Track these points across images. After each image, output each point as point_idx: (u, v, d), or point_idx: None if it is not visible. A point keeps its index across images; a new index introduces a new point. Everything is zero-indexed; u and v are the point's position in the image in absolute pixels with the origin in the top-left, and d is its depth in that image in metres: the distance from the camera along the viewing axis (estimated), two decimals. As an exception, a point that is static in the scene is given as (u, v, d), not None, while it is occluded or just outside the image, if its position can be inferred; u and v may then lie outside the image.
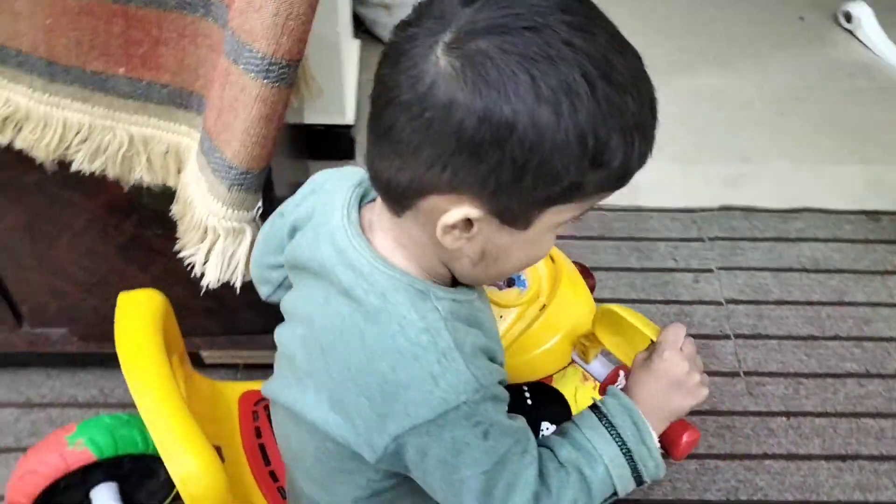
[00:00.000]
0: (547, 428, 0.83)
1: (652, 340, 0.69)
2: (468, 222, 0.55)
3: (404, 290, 0.58)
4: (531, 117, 0.49)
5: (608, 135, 0.51)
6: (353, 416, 0.58)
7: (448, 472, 0.57)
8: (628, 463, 0.62)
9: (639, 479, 0.64)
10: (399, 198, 0.56)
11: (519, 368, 0.80)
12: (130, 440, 0.86)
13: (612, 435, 0.63)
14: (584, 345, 0.80)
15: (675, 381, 0.65)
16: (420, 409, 0.55)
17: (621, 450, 0.62)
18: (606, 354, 0.82)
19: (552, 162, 0.51)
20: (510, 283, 0.82)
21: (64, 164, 0.85)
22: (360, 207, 0.63)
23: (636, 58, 0.54)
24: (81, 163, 0.81)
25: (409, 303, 0.57)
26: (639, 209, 1.63)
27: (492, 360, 0.61)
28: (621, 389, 0.67)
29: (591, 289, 0.85)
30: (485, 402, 0.57)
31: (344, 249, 0.59)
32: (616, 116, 0.51)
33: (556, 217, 0.56)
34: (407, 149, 0.52)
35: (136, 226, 1.03)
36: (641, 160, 0.55)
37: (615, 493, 0.63)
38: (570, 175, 0.52)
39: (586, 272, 0.88)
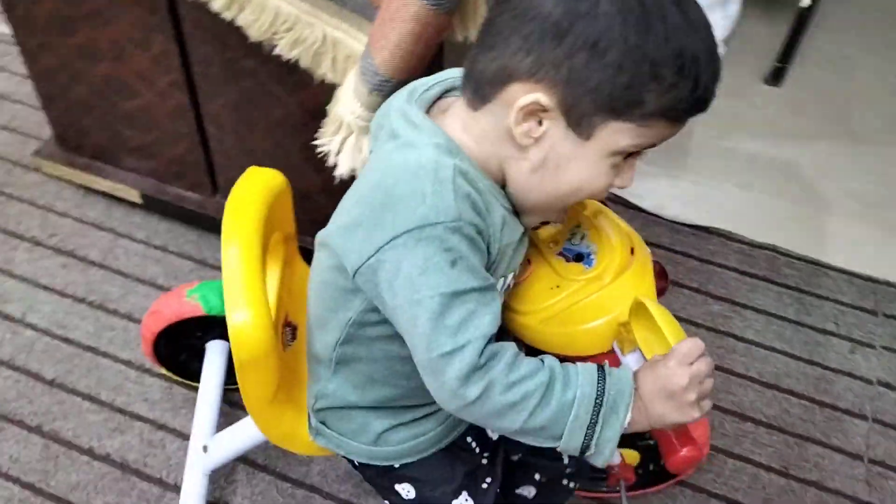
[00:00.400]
0: None
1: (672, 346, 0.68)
2: (540, 117, 0.62)
3: (440, 143, 0.65)
4: (605, 9, 0.58)
5: (670, 52, 0.59)
6: (354, 227, 0.66)
7: (411, 292, 0.62)
8: (591, 419, 0.63)
9: (585, 446, 0.64)
10: (485, 88, 0.64)
11: (556, 339, 0.80)
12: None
13: (598, 386, 0.64)
14: (624, 335, 0.77)
15: (669, 392, 0.65)
16: (404, 220, 0.62)
17: (594, 405, 0.63)
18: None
19: (615, 57, 0.58)
20: (578, 258, 0.81)
21: (272, 58, 0.98)
22: (433, 101, 0.71)
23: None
24: (283, 48, 0.93)
25: (436, 149, 0.65)
26: (817, 262, 1.54)
27: (484, 227, 0.66)
28: None
29: (661, 291, 0.82)
30: (460, 236, 0.62)
31: (407, 112, 0.68)
32: (680, 38, 0.59)
33: (615, 136, 0.62)
34: (500, 38, 0.61)
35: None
36: (696, 100, 0.62)
37: (559, 440, 0.64)
38: (629, 78, 0.59)
39: (662, 273, 0.85)
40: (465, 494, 0.81)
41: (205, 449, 1.08)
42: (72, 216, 1.54)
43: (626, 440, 1.08)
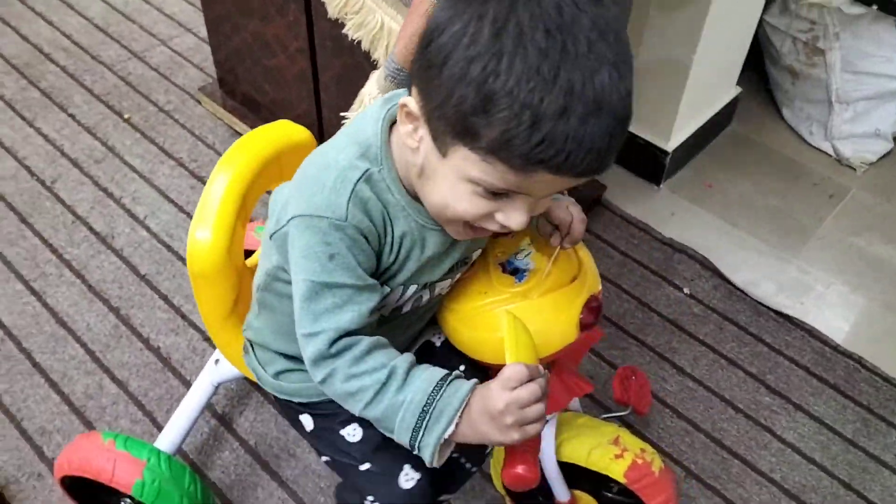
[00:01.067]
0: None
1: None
2: (416, 123, 0.65)
3: (369, 148, 0.70)
4: (455, 30, 0.58)
5: (505, 87, 0.56)
6: (282, 202, 0.74)
7: (294, 270, 0.70)
8: (415, 423, 0.68)
9: (411, 445, 0.68)
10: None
11: (466, 341, 0.85)
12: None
13: (429, 396, 0.68)
14: None
15: (488, 414, 0.66)
16: (304, 204, 0.68)
17: (422, 409, 0.67)
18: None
19: (453, 78, 0.58)
20: (514, 271, 0.83)
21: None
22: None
23: (600, 57, 0.57)
24: (349, 29, 1.04)
25: (359, 154, 0.69)
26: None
27: (378, 235, 0.70)
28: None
29: (586, 326, 0.82)
30: (342, 234, 0.67)
31: (370, 113, 0.73)
32: (527, 76, 0.55)
33: (464, 163, 0.61)
34: None
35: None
36: (535, 149, 0.57)
37: (392, 433, 0.69)
38: (462, 104, 0.58)
39: (596, 310, 0.83)
40: (354, 424, 0.87)
41: (216, 362, 1.22)
42: (215, 150, 1.76)
43: (589, 487, 1.08)
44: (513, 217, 0.65)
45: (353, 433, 0.87)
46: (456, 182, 0.64)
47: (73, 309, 1.45)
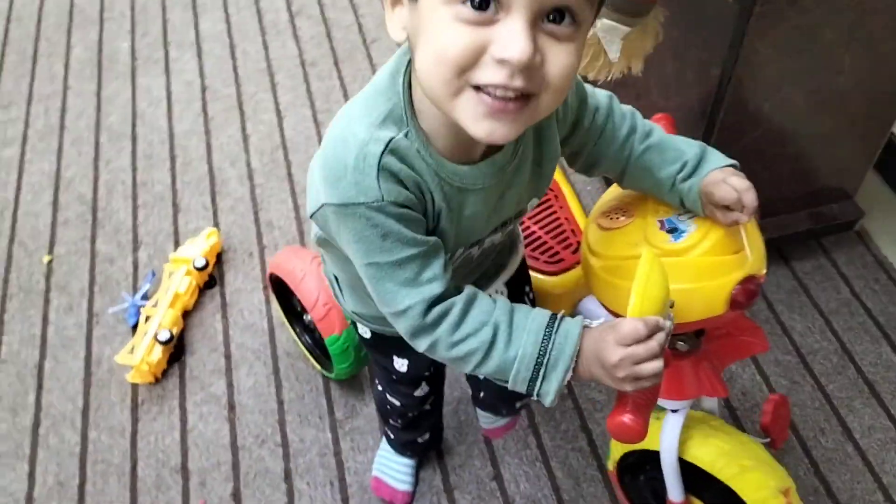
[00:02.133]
0: None
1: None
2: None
3: (389, 111, 0.64)
4: None
5: None
6: (313, 181, 0.68)
7: (352, 253, 0.67)
8: (531, 375, 0.66)
9: (528, 393, 0.67)
10: None
11: (604, 289, 0.83)
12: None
13: (541, 346, 0.66)
14: None
15: (601, 362, 0.64)
16: (333, 192, 0.63)
17: (537, 360, 0.65)
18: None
19: None
20: (672, 230, 0.79)
21: None
22: None
23: None
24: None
25: (376, 122, 0.63)
26: None
27: (419, 200, 0.65)
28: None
29: (750, 346, 0.77)
30: (385, 215, 0.63)
31: (389, 65, 0.67)
32: None
33: None
34: None
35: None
36: None
37: (506, 383, 0.68)
38: None
39: (752, 293, 0.78)
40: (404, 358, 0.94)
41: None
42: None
43: (710, 497, 1.02)
44: (510, 43, 0.54)
45: (401, 365, 0.94)
46: (433, 16, 0.56)
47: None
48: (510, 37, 0.54)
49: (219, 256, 1.50)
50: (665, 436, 0.95)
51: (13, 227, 1.58)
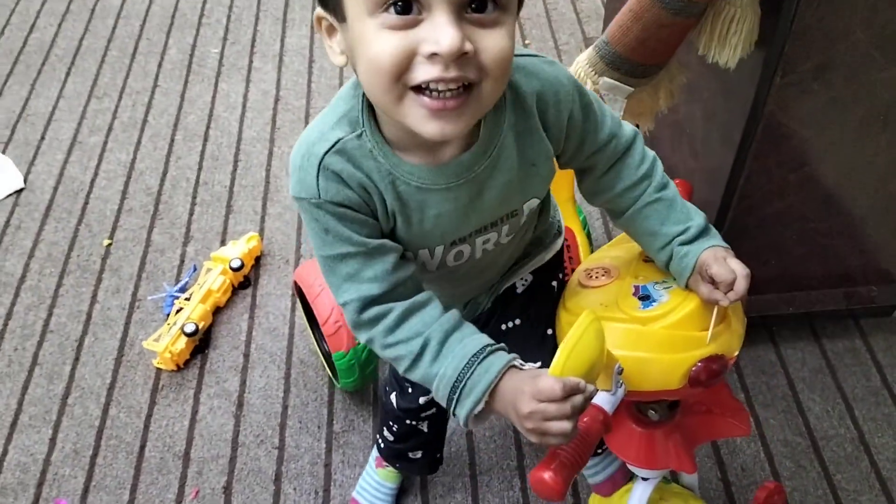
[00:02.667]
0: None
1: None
2: (329, 29, 0.64)
3: (345, 112, 0.68)
4: None
5: None
6: None
7: (312, 244, 0.72)
8: (448, 395, 0.69)
9: (449, 407, 0.70)
10: None
11: (560, 334, 0.84)
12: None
13: (460, 373, 0.68)
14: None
15: (514, 409, 0.65)
16: (292, 185, 0.70)
17: (453, 384, 0.68)
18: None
19: None
20: (644, 297, 0.79)
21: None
22: None
23: None
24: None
25: (330, 122, 0.68)
26: None
27: (364, 201, 0.68)
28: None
29: (731, 428, 0.76)
30: (323, 211, 0.67)
31: None
32: None
33: (352, 2, 0.59)
34: None
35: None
36: None
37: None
38: None
39: (716, 371, 0.76)
40: None
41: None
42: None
43: None
44: (438, 37, 0.56)
45: None
46: (362, 31, 0.59)
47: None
48: (436, 31, 0.56)
49: (258, 259, 1.58)
50: (632, 503, 0.94)
51: (84, 208, 1.71)
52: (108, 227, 1.67)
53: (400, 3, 0.56)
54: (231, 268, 1.50)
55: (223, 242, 1.62)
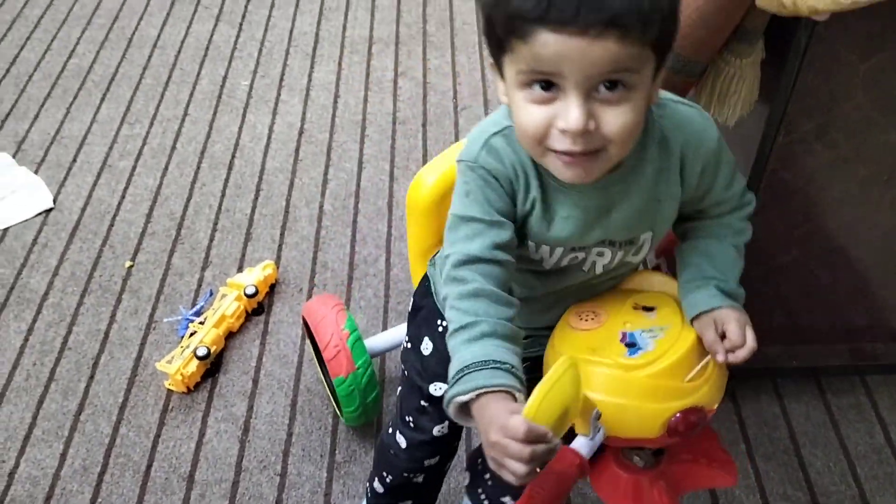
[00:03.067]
0: None
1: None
2: (498, 72, 0.73)
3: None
4: None
5: None
6: None
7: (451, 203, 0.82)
8: (453, 375, 0.73)
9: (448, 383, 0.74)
10: None
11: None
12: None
13: (467, 366, 0.72)
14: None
15: (486, 430, 0.68)
16: (460, 153, 0.81)
17: (458, 370, 0.73)
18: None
19: (480, 2, 0.68)
20: (630, 345, 0.80)
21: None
22: None
23: None
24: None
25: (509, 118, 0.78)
26: None
27: (512, 180, 0.78)
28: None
29: (715, 478, 0.77)
30: (474, 175, 0.77)
31: None
32: None
33: (510, 69, 0.68)
34: None
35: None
36: (524, 3, 0.63)
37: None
38: (485, 9, 0.67)
39: (683, 434, 0.77)
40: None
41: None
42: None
43: None
44: (568, 116, 0.66)
45: (426, 347, 1.01)
46: (514, 97, 0.70)
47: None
48: (567, 112, 0.66)
49: (272, 287, 1.62)
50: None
51: (109, 230, 1.77)
52: (131, 250, 1.72)
53: (543, 82, 0.67)
54: (246, 294, 1.54)
55: (240, 269, 1.66)
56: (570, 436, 0.80)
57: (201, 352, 1.43)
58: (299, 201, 1.82)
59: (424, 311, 1.05)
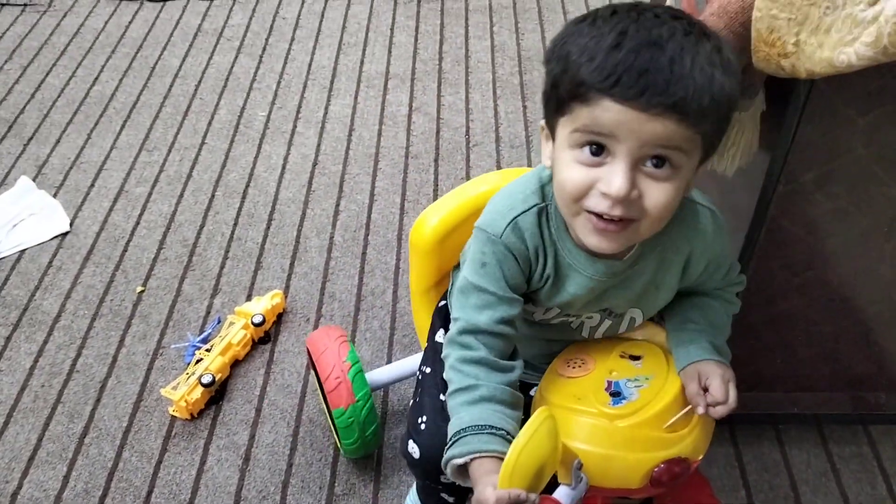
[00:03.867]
0: None
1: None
2: (546, 135, 0.77)
3: (546, 183, 0.83)
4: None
5: (569, 48, 0.69)
6: None
7: (463, 267, 0.86)
8: (451, 437, 0.79)
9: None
10: None
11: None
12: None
13: (464, 429, 0.78)
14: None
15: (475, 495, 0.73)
16: (482, 218, 0.84)
17: (455, 432, 0.78)
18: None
19: (549, 65, 0.72)
20: (615, 394, 0.82)
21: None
22: None
23: (650, 29, 0.66)
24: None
25: (539, 187, 0.83)
26: None
27: (530, 259, 0.82)
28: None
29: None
30: (494, 249, 0.80)
31: None
32: (578, 37, 0.69)
33: (563, 130, 0.72)
34: None
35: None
36: (592, 75, 0.66)
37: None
38: (551, 74, 0.71)
39: (665, 485, 0.77)
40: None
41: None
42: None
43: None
44: (612, 181, 0.69)
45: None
46: (561, 156, 0.73)
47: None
48: (612, 177, 0.69)
49: (280, 316, 1.64)
50: None
51: (122, 255, 1.80)
52: (143, 275, 1.75)
53: (594, 146, 0.70)
54: (253, 323, 1.56)
55: (249, 297, 1.69)
56: (554, 484, 0.81)
57: (206, 379, 1.45)
58: (310, 231, 1.85)
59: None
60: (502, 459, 0.72)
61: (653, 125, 0.65)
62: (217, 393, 1.50)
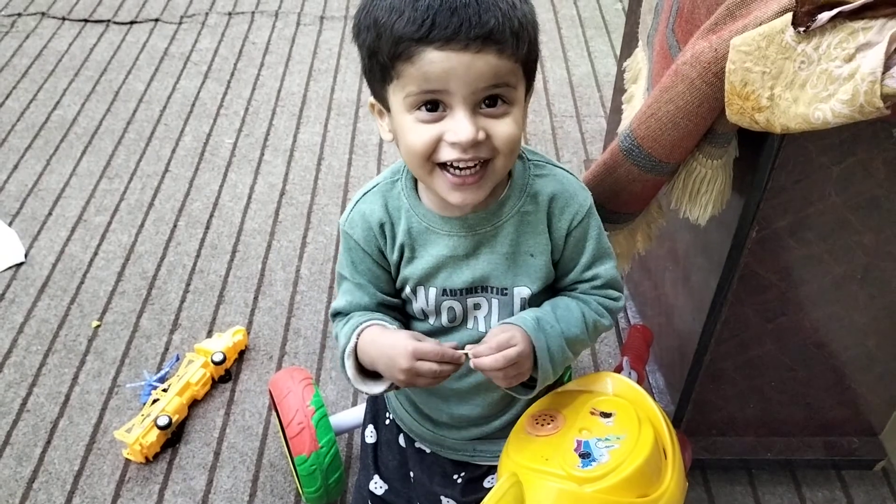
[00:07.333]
0: None
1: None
2: (378, 112, 0.80)
3: (399, 167, 0.88)
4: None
5: (376, 13, 0.71)
6: None
7: None
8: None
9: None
10: None
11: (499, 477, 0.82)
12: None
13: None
14: None
15: (392, 364, 0.80)
16: None
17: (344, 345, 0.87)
18: None
19: (361, 37, 0.74)
20: (584, 455, 0.78)
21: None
22: None
23: None
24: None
25: (389, 169, 0.89)
26: None
27: (378, 235, 0.86)
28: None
29: None
30: (344, 238, 0.88)
31: None
32: (381, 1, 0.71)
33: (395, 98, 0.74)
34: None
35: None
36: (407, 27, 0.68)
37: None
38: (366, 45, 0.73)
39: None
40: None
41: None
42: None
43: None
44: (458, 129, 0.72)
45: (370, 434, 1.09)
46: (401, 122, 0.74)
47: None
48: (457, 125, 0.72)
49: (242, 353, 1.59)
50: None
51: (78, 288, 1.73)
52: (100, 309, 1.69)
53: (429, 104, 0.73)
54: (213, 361, 1.50)
55: (210, 333, 1.63)
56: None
57: (162, 421, 1.39)
58: (276, 264, 1.80)
59: (379, 398, 1.05)
60: (385, 327, 0.82)
61: (477, 65, 0.69)
62: (174, 435, 1.43)
